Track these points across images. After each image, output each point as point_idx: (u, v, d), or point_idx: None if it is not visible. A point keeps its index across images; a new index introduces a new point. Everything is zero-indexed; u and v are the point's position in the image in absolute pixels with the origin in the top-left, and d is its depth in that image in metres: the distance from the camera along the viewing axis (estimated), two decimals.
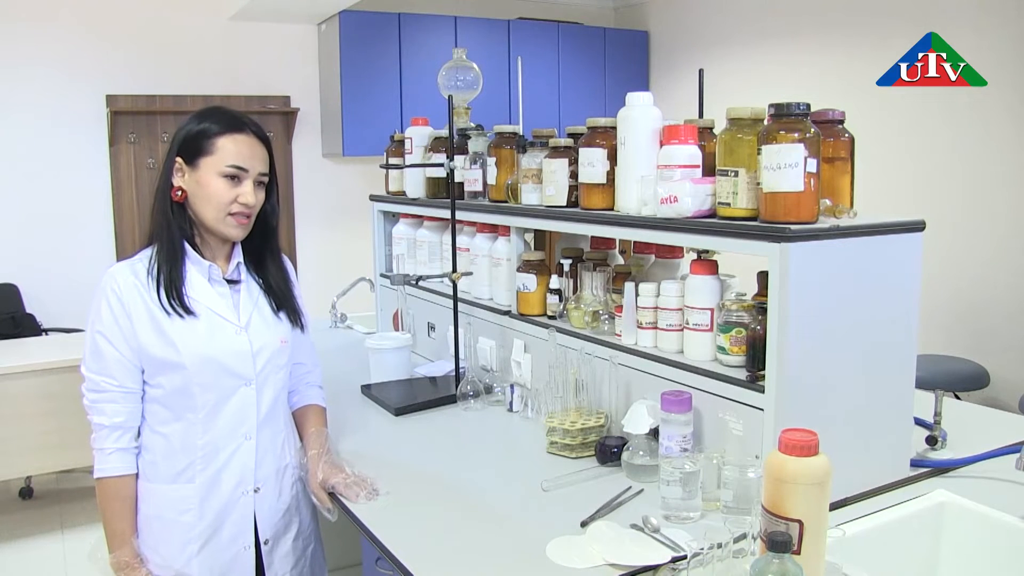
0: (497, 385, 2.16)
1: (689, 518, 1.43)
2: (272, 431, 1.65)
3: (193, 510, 1.55)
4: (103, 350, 1.51)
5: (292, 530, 1.68)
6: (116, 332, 1.51)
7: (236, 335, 1.57)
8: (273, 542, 1.65)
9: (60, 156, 4.75)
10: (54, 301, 4.65)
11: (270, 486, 1.63)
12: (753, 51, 5.36)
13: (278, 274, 1.68)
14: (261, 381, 1.61)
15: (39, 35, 4.62)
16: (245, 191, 1.53)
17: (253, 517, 1.61)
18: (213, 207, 1.53)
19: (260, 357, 1.60)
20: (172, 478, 1.55)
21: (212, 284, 1.58)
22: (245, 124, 1.56)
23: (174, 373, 1.52)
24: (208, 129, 1.53)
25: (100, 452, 1.53)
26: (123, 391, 1.52)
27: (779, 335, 1.38)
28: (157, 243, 1.55)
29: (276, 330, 1.64)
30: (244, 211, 1.55)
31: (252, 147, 1.55)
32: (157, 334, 1.51)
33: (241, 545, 1.60)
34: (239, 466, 1.58)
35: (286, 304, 1.68)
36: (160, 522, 1.55)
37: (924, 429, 1.69)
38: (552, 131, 2.00)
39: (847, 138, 1.54)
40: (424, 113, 2.58)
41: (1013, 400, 3.82)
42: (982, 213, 4.16)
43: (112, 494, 1.53)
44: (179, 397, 1.53)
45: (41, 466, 3.41)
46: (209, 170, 1.52)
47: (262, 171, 1.57)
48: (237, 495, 1.59)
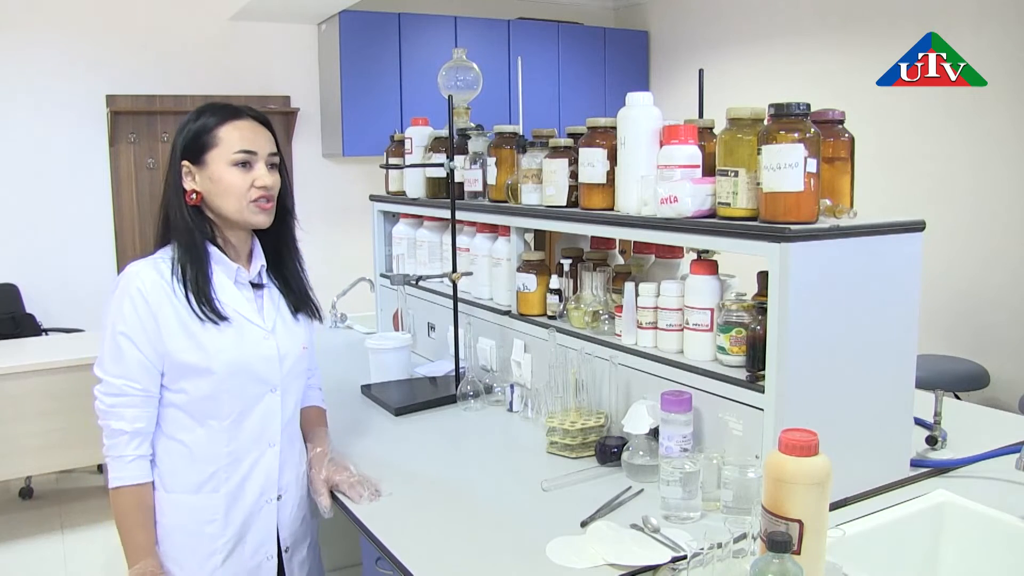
0: (497, 385, 2.16)
1: (689, 518, 1.43)
2: (292, 437, 1.62)
3: (218, 520, 1.51)
4: (125, 352, 1.44)
5: (308, 537, 1.67)
6: (140, 333, 1.44)
7: (264, 340, 1.54)
8: (293, 549, 1.62)
9: (60, 156, 4.74)
10: (54, 301, 4.65)
11: (291, 493, 1.60)
12: (753, 51, 5.36)
13: (294, 267, 1.65)
14: (285, 387, 1.57)
15: (39, 35, 4.62)
16: (260, 173, 1.49)
17: (275, 525, 1.58)
18: (233, 198, 1.48)
19: (286, 363, 1.56)
20: (196, 488, 1.50)
21: (239, 287, 1.54)
22: (241, 110, 1.53)
23: (201, 379, 1.47)
24: (206, 124, 1.49)
25: (119, 460, 1.45)
26: (144, 395, 1.46)
27: (779, 335, 1.39)
28: (178, 245, 1.49)
29: (297, 336, 1.61)
30: (264, 194, 1.50)
31: (255, 130, 1.52)
32: (187, 338, 1.45)
33: (264, 554, 1.57)
34: (263, 474, 1.55)
35: (305, 305, 1.64)
36: (183, 533, 1.50)
37: (924, 429, 1.69)
38: (552, 131, 2.01)
39: (847, 138, 1.54)
40: (424, 113, 2.57)
41: (1013, 400, 3.82)
42: (982, 213, 4.16)
43: (133, 504, 1.46)
44: (205, 403, 1.48)
45: (41, 466, 3.41)
46: (219, 163, 1.48)
47: (271, 151, 1.53)
48: (261, 504, 1.55)
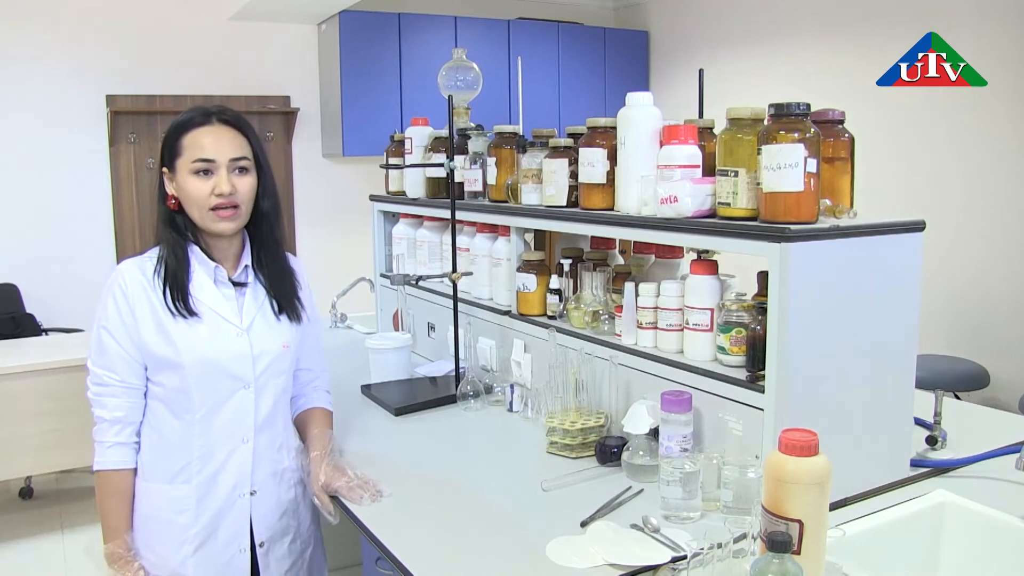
0: (497, 385, 2.16)
1: (689, 518, 1.43)
2: (270, 435, 1.64)
3: (190, 511, 1.56)
4: (106, 345, 1.53)
5: (289, 533, 1.68)
6: (120, 328, 1.52)
7: (237, 338, 1.57)
8: (269, 545, 1.64)
9: (60, 156, 4.74)
10: (54, 301, 4.65)
11: (267, 489, 1.63)
12: (753, 51, 5.36)
13: (274, 267, 1.64)
14: (260, 385, 1.60)
15: (39, 35, 4.62)
16: (218, 182, 1.50)
17: (249, 520, 1.61)
18: (196, 206, 1.52)
19: (260, 361, 1.59)
20: (170, 478, 1.55)
21: (218, 286, 1.58)
22: (211, 114, 1.53)
23: (173, 372, 1.53)
24: (177, 130, 1.53)
25: (100, 445, 1.55)
26: (124, 386, 1.53)
27: (779, 335, 1.39)
28: (164, 244, 1.56)
29: (278, 334, 1.63)
30: (223, 202, 1.50)
31: (218, 135, 1.52)
32: (159, 333, 1.52)
33: (237, 548, 1.60)
34: (236, 469, 1.58)
35: (288, 305, 1.65)
36: (157, 522, 1.56)
37: (924, 429, 1.69)
38: (552, 131, 2.01)
39: (847, 138, 1.54)
40: (424, 113, 2.57)
41: (1013, 400, 3.82)
42: (982, 213, 4.16)
43: (109, 487, 1.54)
44: (178, 397, 1.54)
45: (41, 466, 3.41)
46: (183, 171, 1.52)
47: (234, 156, 1.52)
48: (233, 498, 1.59)
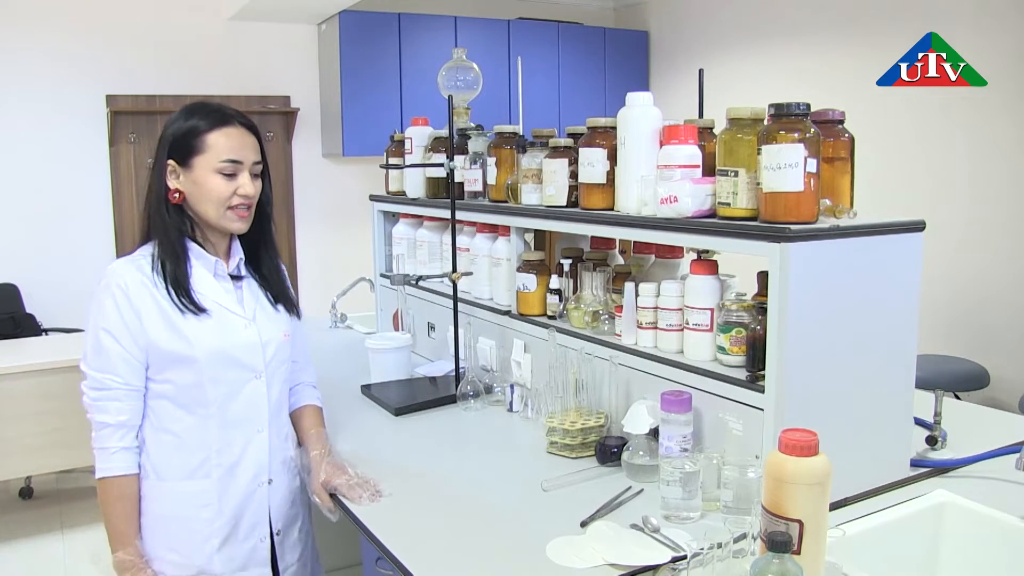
0: (497, 385, 2.16)
1: (689, 518, 1.43)
2: (280, 423, 1.68)
3: (212, 505, 1.56)
4: (107, 347, 1.50)
5: (298, 521, 1.72)
6: (122, 329, 1.49)
7: (245, 328, 1.59)
8: (284, 532, 1.67)
9: (60, 156, 4.74)
10: (54, 301, 4.64)
11: (280, 478, 1.66)
12: (753, 51, 5.36)
13: (271, 264, 1.69)
14: (270, 373, 1.62)
15: (39, 35, 4.62)
16: (243, 183, 1.54)
17: (268, 509, 1.63)
18: (214, 204, 1.53)
19: (268, 349, 1.62)
20: (188, 474, 1.55)
21: (217, 279, 1.59)
22: (232, 116, 1.55)
23: (185, 368, 1.52)
24: (196, 127, 1.52)
25: (103, 451, 1.51)
26: (127, 389, 1.51)
27: (779, 335, 1.39)
28: (158, 242, 1.54)
29: (278, 324, 1.66)
30: (244, 203, 1.55)
31: (242, 138, 1.55)
32: (169, 329, 1.51)
33: (258, 537, 1.62)
34: (254, 458, 1.60)
35: (282, 295, 1.69)
36: (177, 521, 1.55)
37: (924, 429, 1.69)
38: (552, 131, 2.00)
39: (847, 138, 1.54)
40: (424, 113, 2.57)
41: (1013, 400, 3.82)
42: (982, 213, 4.16)
43: (116, 494, 1.52)
44: (191, 392, 1.54)
45: (41, 466, 3.41)
46: (204, 169, 1.52)
47: (256, 160, 1.57)
48: (253, 487, 1.61)
